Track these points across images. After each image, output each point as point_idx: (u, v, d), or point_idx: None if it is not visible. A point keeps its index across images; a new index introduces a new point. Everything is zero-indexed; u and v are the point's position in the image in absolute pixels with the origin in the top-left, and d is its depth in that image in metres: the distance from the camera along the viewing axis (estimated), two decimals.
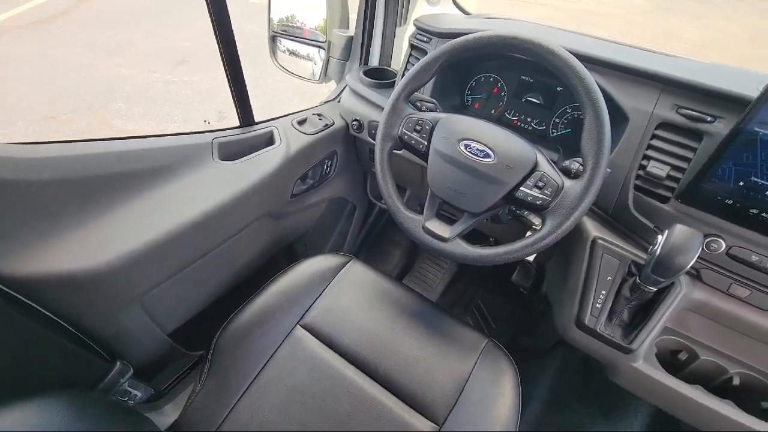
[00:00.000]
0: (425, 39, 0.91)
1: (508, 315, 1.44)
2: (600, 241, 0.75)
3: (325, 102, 1.15)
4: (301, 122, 1.02)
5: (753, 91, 0.61)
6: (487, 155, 0.68)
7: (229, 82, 0.84)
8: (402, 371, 0.77)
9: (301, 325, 0.83)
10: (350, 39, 1.11)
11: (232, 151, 0.87)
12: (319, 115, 1.07)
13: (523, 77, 0.91)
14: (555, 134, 0.90)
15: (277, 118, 1.00)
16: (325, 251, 0.95)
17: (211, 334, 0.80)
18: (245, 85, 0.86)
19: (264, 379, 0.75)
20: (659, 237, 0.61)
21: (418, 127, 0.74)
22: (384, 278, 0.92)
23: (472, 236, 0.95)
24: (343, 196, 1.27)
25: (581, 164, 0.64)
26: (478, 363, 0.79)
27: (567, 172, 0.66)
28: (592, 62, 0.74)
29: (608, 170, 0.66)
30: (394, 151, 0.79)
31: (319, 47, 1.16)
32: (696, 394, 0.71)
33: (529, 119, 0.93)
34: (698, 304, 0.72)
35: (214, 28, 0.75)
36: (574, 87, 0.61)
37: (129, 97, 3.13)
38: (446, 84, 0.95)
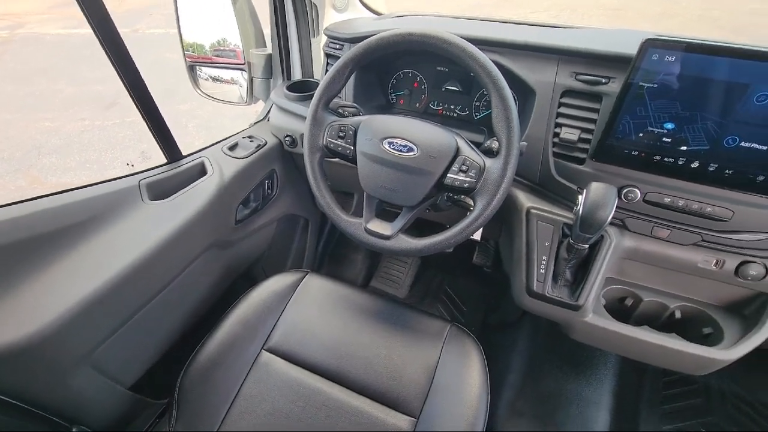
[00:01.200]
0: (338, 46, 0.93)
1: (476, 296, 1.48)
2: (533, 211, 0.79)
3: (255, 123, 1.14)
4: (233, 147, 1.01)
5: (635, 51, 0.66)
6: (410, 149, 0.69)
7: (145, 121, 0.81)
8: (373, 373, 0.78)
9: (266, 350, 0.82)
10: (269, 56, 1.11)
11: (162, 190, 0.85)
12: (250, 137, 1.06)
13: (439, 68, 0.94)
14: (478, 117, 0.94)
15: (206, 147, 0.98)
16: (285, 270, 0.95)
17: (177, 378, 0.77)
18: (164, 121, 0.84)
19: (236, 411, 0.74)
20: (580, 197, 0.66)
21: (341, 134, 0.75)
22: (343, 286, 0.92)
23: (428, 227, 0.98)
24: (292, 212, 1.26)
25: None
26: (444, 349, 0.80)
27: (489, 152, 0.69)
28: (493, 44, 0.77)
29: (524, 143, 0.70)
30: (329, 159, 0.80)
31: (240, 69, 1.15)
32: (643, 334, 0.76)
33: (452, 107, 0.96)
34: (630, 251, 0.77)
35: (117, 72, 0.73)
36: (475, 71, 0.64)
37: (59, 150, 2.97)
38: (368, 86, 0.97)
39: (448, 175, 0.68)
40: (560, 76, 0.73)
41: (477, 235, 0.92)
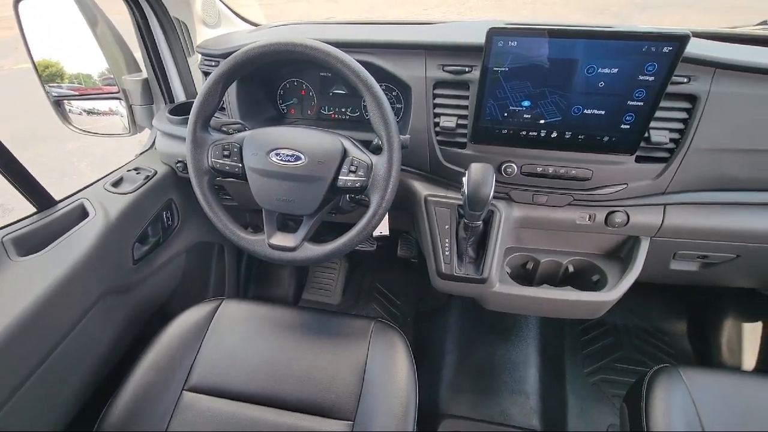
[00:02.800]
0: (213, 63, 0.90)
1: (407, 288, 1.52)
2: (430, 198, 0.83)
3: (141, 153, 1.06)
4: (117, 183, 0.93)
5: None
6: (297, 158, 0.70)
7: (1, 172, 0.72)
8: (304, 387, 0.77)
9: (187, 390, 0.77)
10: (145, 81, 1.04)
11: (34, 243, 0.76)
12: (136, 169, 0.99)
13: (322, 74, 0.95)
14: (368, 117, 0.96)
15: (83, 188, 0.90)
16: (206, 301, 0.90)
17: None
18: (22, 167, 0.75)
19: None
20: (464, 179, 0.70)
21: (226, 152, 0.73)
22: (262, 306, 0.90)
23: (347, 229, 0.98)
24: (203, 240, 1.20)
25: None
26: (371, 347, 0.82)
27: (378, 149, 0.72)
28: (365, 46, 0.80)
29: (406, 137, 0.73)
30: (225, 180, 0.77)
31: (116, 98, 1.06)
32: (543, 292, 0.83)
33: (343, 110, 0.98)
34: (520, 219, 0.85)
35: None
36: (343, 74, 0.66)
37: None
38: (254, 99, 0.95)
39: (340, 177, 0.70)
40: (429, 70, 0.78)
41: (385, 230, 0.94)
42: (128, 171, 0.98)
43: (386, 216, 0.92)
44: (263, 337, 0.84)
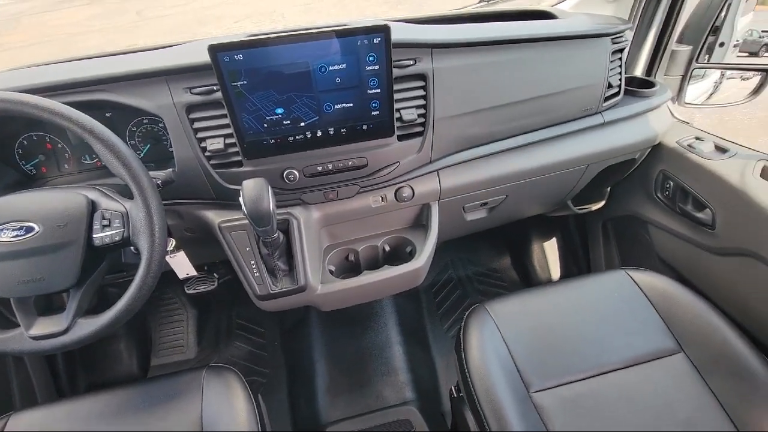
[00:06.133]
0: None
1: (268, 313, 1.46)
2: (224, 225, 0.80)
3: None
4: None
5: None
6: (29, 229, 0.59)
7: None
8: None
9: None
10: None
11: None
12: None
13: None
14: (141, 154, 0.87)
15: None
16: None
17: None
18: None
19: None
20: (240, 199, 0.68)
21: None
22: (58, 405, 0.76)
23: None
24: None
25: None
26: (205, 396, 0.75)
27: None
28: (95, 83, 0.71)
29: (168, 171, 0.68)
30: None
31: None
32: (364, 278, 0.87)
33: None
34: (322, 219, 0.87)
35: None
36: (54, 122, 0.58)
37: None
38: None
39: (94, 236, 0.61)
40: (176, 95, 0.73)
41: (191, 270, 0.87)
42: None
43: (183, 256, 0.86)
44: None
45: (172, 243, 0.85)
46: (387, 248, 0.97)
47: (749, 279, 0.87)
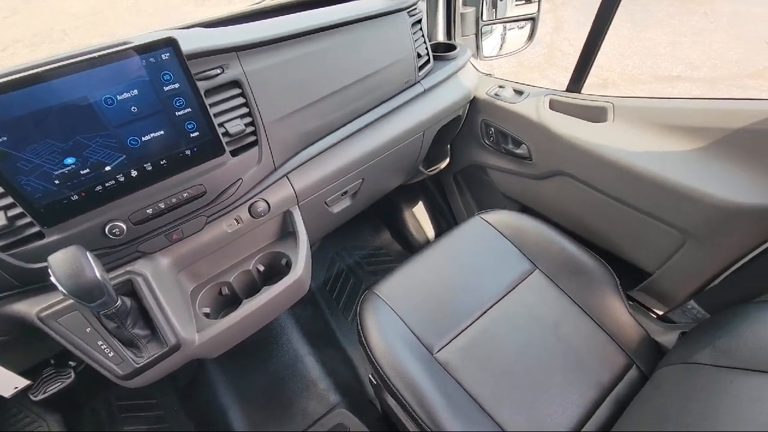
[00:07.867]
0: None
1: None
2: (44, 314, 0.64)
3: None
4: None
5: None
6: None
7: None
8: None
9: None
10: None
11: None
12: None
13: None
14: None
15: None
16: None
17: None
18: None
19: None
20: (51, 279, 0.55)
21: None
22: None
23: None
24: None
25: None
26: None
27: None
28: None
29: None
30: None
31: None
32: (245, 309, 0.80)
33: None
34: (176, 262, 0.77)
35: None
36: None
37: None
38: None
39: None
40: None
41: (6, 392, 0.70)
42: None
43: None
44: None
45: None
46: (261, 268, 0.91)
47: (567, 193, 1.06)
